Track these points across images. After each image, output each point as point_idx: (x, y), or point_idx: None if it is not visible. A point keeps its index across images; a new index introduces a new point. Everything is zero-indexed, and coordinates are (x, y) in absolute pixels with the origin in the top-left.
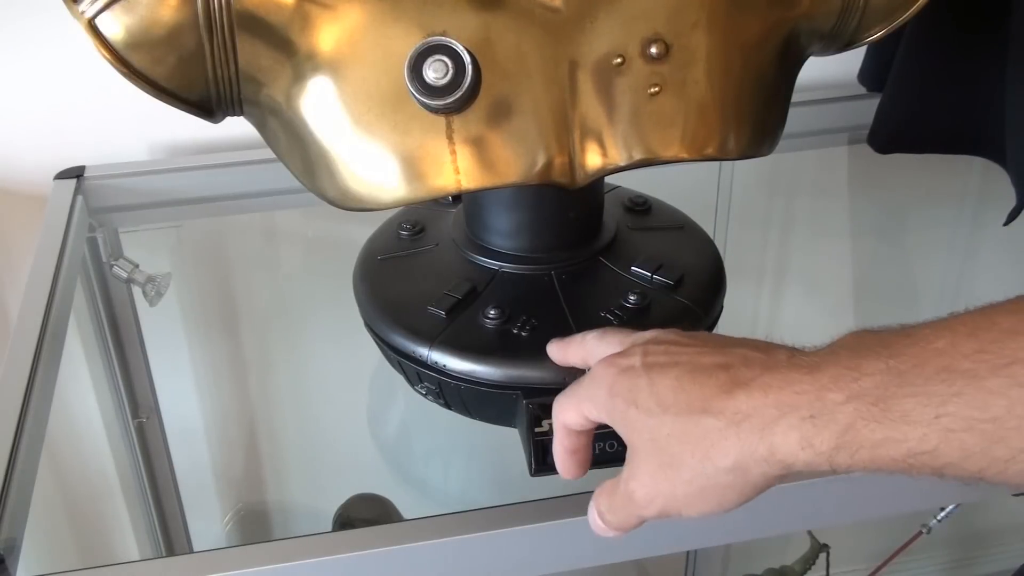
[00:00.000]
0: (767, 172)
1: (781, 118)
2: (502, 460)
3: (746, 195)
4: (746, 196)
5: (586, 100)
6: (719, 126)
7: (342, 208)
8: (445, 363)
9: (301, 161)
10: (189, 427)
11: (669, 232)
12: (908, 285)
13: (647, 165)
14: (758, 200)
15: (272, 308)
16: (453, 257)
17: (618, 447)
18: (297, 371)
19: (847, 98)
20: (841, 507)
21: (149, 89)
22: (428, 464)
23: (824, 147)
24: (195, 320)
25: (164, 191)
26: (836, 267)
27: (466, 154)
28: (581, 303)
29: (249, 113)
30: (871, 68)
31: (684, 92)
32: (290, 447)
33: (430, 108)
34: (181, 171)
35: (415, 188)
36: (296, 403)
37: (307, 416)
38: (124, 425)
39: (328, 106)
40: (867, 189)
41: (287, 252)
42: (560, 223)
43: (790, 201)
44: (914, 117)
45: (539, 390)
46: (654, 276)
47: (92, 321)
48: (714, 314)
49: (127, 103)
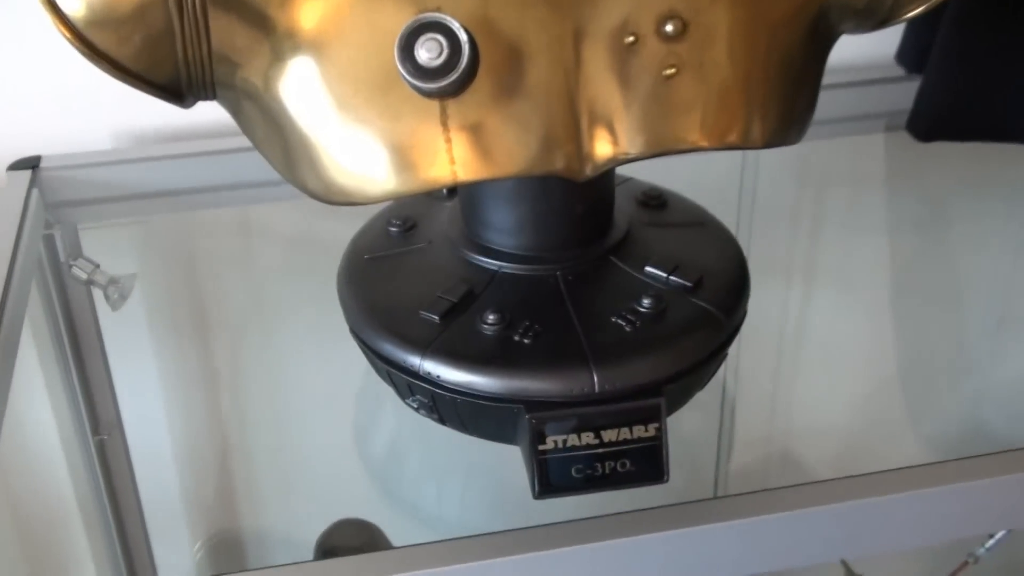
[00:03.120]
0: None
1: (811, 103)
2: (502, 481)
3: (772, 188)
4: (772, 189)
5: (595, 83)
6: (742, 112)
7: (325, 202)
8: (439, 373)
9: (280, 150)
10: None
11: (687, 229)
12: (952, 286)
13: (662, 155)
14: (785, 193)
15: (248, 313)
16: (448, 256)
17: (630, 466)
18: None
19: (884, 80)
20: (879, 534)
21: (112, 71)
22: (420, 485)
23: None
24: (163, 327)
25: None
26: (872, 267)
27: (462, 142)
28: (589, 307)
29: (223, 97)
30: (910, 47)
31: (703, 74)
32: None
33: (423, 92)
34: (148, 161)
35: (406, 180)
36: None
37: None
38: (83, 443)
39: (310, 89)
40: (906, 181)
41: (265, 251)
42: (566, 219)
43: (821, 194)
44: (958, 101)
45: (543, 403)
46: (670, 277)
47: (48, 328)
48: (737, 319)
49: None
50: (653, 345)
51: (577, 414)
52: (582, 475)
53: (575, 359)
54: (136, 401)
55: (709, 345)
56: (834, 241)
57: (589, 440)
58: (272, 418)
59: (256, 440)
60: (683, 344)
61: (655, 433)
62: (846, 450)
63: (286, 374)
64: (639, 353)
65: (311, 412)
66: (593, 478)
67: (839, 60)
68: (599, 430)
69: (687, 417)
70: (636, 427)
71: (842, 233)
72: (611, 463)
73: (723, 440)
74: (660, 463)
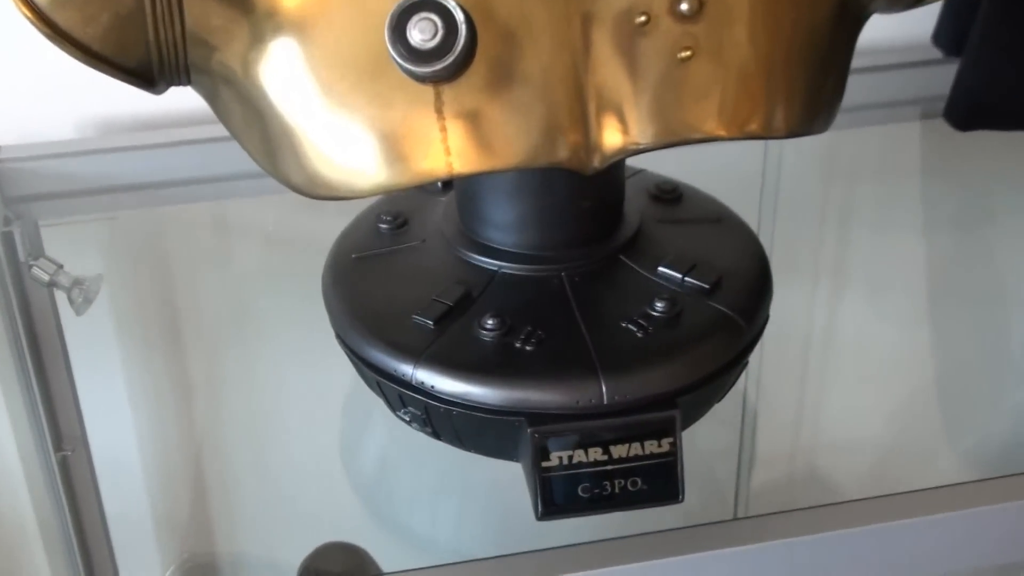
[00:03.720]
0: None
1: (839, 88)
2: (502, 501)
3: (797, 181)
4: (797, 182)
5: (604, 66)
6: (764, 98)
7: (309, 196)
8: (433, 383)
9: (260, 140)
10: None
11: (704, 225)
12: (994, 289)
13: (677, 145)
14: (811, 187)
15: (225, 318)
16: (443, 256)
17: (642, 485)
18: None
19: (919, 64)
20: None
21: (77, 53)
22: (412, 506)
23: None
24: (132, 333)
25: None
26: (906, 267)
27: (459, 131)
28: (597, 310)
29: (198, 83)
30: (948, 28)
31: (721, 57)
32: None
33: (416, 76)
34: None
35: (397, 173)
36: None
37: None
38: (44, 460)
39: (293, 74)
40: (944, 173)
41: (243, 250)
42: (572, 214)
43: (850, 188)
44: (1000, 86)
45: (546, 416)
46: (686, 278)
47: (7, 334)
48: (758, 324)
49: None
50: (667, 352)
51: (584, 428)
52: (589, 494)
53: (582, 368)
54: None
55: (728, 352)
56: (864, 239)
57: (597, 456)
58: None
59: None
60: (700, 351)
61: (669, 448)
62: (878, 467)
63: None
64: (651, 361)
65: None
66: (601, 498)
67: (870, 42)
68: (608, 445)
69: (704, 431)
70: (648, 442)
71: (873, 230)
72: (621, 481)
73: (743, 456)
74: (675, 481)
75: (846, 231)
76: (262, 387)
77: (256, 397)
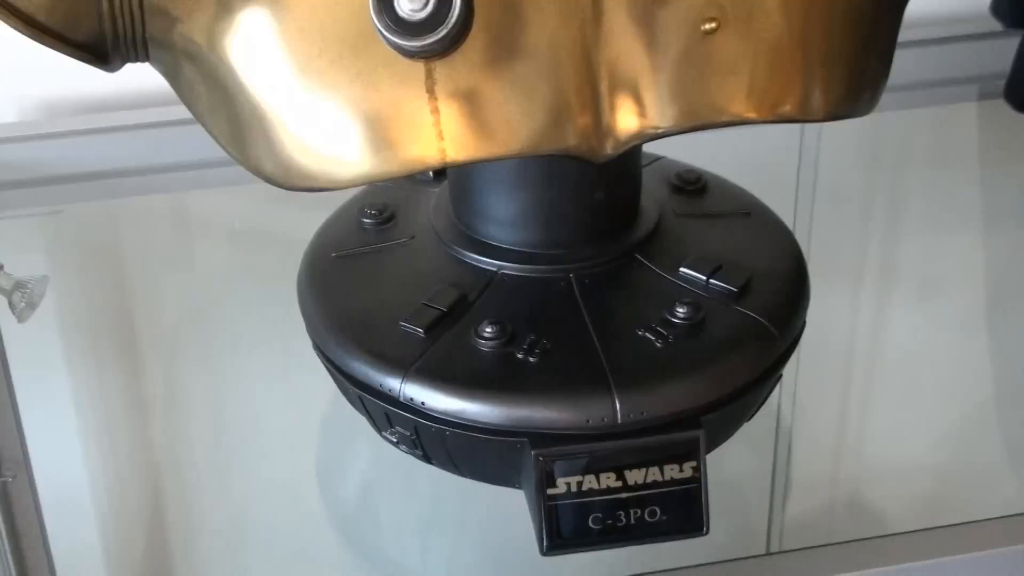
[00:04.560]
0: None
1: (884, 65)
2: (502, 534)
3: (837, 169)
4: (837, 171)
5: (617, 39)
6: (799, 75)
7: (283, 187)
8: (424, 399)
9: (228, 123)
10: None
11: (731, 220)
12: None
13: (701, 129)
14: (853, 176)
15: (187, 325)
16: (434, 254)
17: (661, 515)
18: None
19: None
20: None
21: (20, 25)
22: (400, 540)
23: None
24: (81, 342)
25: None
26: (963, 266)
27: (453, 114)
28: (610, 317)
29: (157, 59)
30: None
31: (751, 29)
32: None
33: (404, 51)
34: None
35: (383, 160)
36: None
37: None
38: None
39: (265, 48)
40: (1004, 161)
41: (208, 248)
42: (582, 208)
43: (898, 177)
44: None
45: (553, 437)
46: (710, 280)
47: None
48: (794, 332)
49: None
50: (689, 364)
51: (595, 450)
52: (601, 526)
53: (592, 382)
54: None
55: (759, 364)
56: (914, 235)
57: (610, 482)
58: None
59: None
60: (726, 363)
61: (692, 474)
62: (932, 495)
63: (234, 401)
64: (672, 374)
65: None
66: (615, 529)
67: (920, 11)
68: (622, 470)
69: (732, 454)
70: (668, 466)
71: (924, 225)
72: (637, 511)
73: (777, 483)
74: (698, 511)
75: (893, 226)
76: (229, 404)
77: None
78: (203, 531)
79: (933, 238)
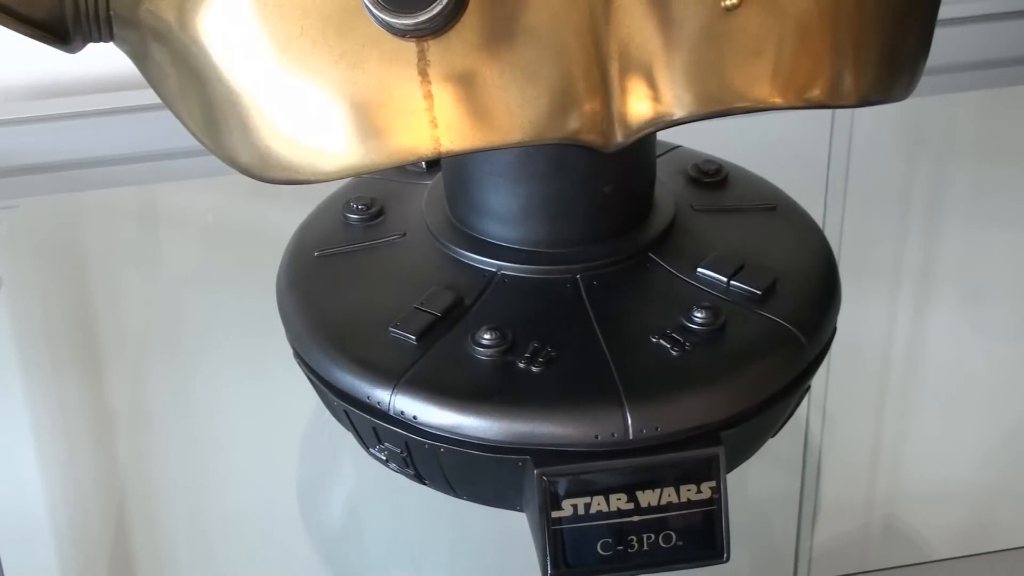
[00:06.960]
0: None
1: (924, 44)
2: (502, 560)
3: (871, 160)
4: (871, 162)
5: (629, 16)
6: (829, 56)
7: (261, 179)
8: (416, 413)
9: (200, 109)
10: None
11: (755, 215)
12: None
13: (721, 115)
14: (889, 167)
15: (154, 330)
16: (427, 253)
17: (677, 540)
18: (192, 425)
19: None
20: None
21: None
22: (390, 566)
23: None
24: (37, 348)
25: None
26: (1010, 267)
27: (448, 99)
28: (621, 322)
29: (122, 38)
30: None
31: (776, 4)
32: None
33: (394, 29)
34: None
35: (371, 150)
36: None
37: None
38: None
39: (240, 27)
40: None
41: (177, 246)
42: (590, 203)
43: (938, 169)
44: None
45: (558, 454)
46: (731, 282)
47: None
48: (822, 339)
49: None
50: (708, 375)
51: (604, 469)
52: (610, 551)
53: (601, 394)
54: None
55: (785, 375)
56: (956, 232)
57: (621, 504)
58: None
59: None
60: (749, 374)
61: (711, 495)
62: (975, 518)
63: (206, 415)
64: (689, 386)
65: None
66: (626, 555)
67: None
68: (634, 491)
69: (755, 473)
70: (685, 487)
71: (967, 222)
72: (650, 536)
73: (805, 504)
74: (717, 536)
75: (933, 223)
76: (200, 419)
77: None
78: (171, 560)
79: (978, 236)
